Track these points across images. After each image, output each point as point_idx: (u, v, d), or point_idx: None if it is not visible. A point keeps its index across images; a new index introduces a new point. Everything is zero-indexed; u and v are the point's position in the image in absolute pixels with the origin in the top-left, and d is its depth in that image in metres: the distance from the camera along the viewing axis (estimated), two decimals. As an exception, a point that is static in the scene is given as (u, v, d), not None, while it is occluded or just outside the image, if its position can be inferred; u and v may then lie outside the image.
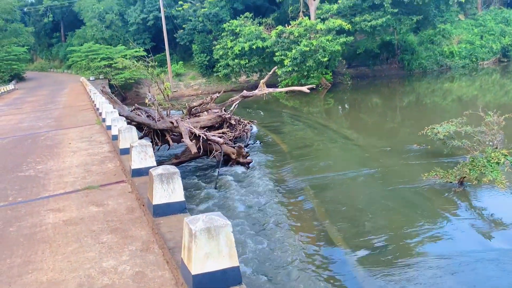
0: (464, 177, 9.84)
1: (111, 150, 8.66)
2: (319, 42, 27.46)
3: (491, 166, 8.85)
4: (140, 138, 13.89)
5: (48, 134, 11.69)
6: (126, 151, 7.10)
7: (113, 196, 5.94)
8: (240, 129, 17.03)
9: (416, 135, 16.83)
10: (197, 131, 12.68)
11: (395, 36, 36.13)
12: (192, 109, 16.20)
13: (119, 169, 7.22)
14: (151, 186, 4.34)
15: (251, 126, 18.15)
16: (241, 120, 17.60)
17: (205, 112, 17.02)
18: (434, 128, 12.29)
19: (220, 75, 35.27)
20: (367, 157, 13.40)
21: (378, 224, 8.94)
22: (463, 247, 7.80)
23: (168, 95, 14.96)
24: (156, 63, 18.72)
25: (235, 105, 16.53)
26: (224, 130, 16.11)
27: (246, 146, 16.62)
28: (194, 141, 12.08)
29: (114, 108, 11.11)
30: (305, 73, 28.21)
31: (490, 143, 11.02)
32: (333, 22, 28.00)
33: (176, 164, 14.18)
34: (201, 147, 12.74)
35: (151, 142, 13.57)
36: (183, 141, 12.12)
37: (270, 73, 15.24)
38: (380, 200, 10.12)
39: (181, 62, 42.11)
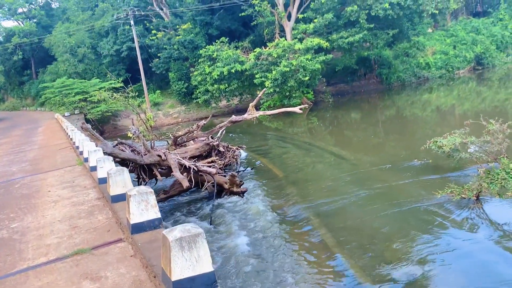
0: (480, 192, 9.23)
1: (99, 196, 7.47)
2: (299, 61, 27.11)
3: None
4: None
5: (24, 180, 10.47)
6: (118, 198, 6.09)
7: (111, 264, 4.65)
8: (229, 156, 16.22)
9: (412, 149, 16.39)
10: (187, 163, 11.81)
11: (372, 51, 36.24)
12: (178, 139, 15.34)
13: (113, 223, 6.05)
14: (167, 255, 3.26)
15: (239, 152, 17.36)
16: (230, 146, 16.82)
17: (191, 141, 16.20)
18: (436, 141, 11.73)
19: (199, 101, 34.57)
20: (368, 177, 12.72)
21: (398, 252, 8.16)
22: (500, 274, 7.07)
23: (151, 126, 14.07)
24: (136, 93, 17.92)
25: (223, 131, 15.76)
26: (213, 158, 15.29)
27: (237, 174, 15.80)
28: (185, 173, 11.20)
29: (96, 145, 10.15)
30: (287, 93, 27.76)
31: (500, 153, 10.49)
32: (311, 41, 27.78)
33: (165, 199, 13.24)
34: (192, 179, 11.87)
35: (138, 177, 12.63)
36: (172, 175, 11.23)
37: (260, 95, 14.57)
38: (393, 223, 9.38)
39: (158, 91, 41.27)
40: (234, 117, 13.67)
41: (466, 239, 8.34)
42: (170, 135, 16.42)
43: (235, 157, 16.61)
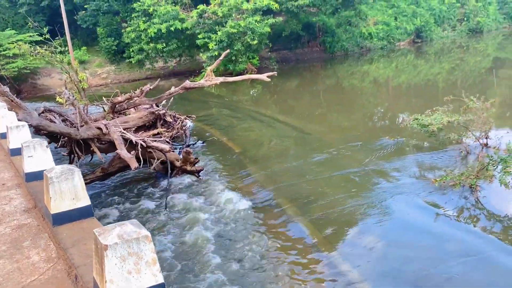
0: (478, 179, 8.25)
1: (28, 207, 4.63)
2: (247, 23, 24.99)
3: (522, 167, 7.25)
4: (53, 147, 10.50)
5: None
6: (64, 218, 3.83)
7: None
8: (177, 127, 14.18)
9: (378, 126, 15.43)
10: (133, 138, 9.70)
11: (318, 17, 34.89)
12: (117, 106, 12.96)
13: (61, 273, 3.29)
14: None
15: (187, 123, 15.34)
16: (177, 115, 14.74)
17: (132, 109, 13.89)
18: (417, 119, 10.63)
19: (133, 61, 31.31)
20: (341, 157, 11.41)
21: (400, 254, 6.92)
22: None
23: (83, 89, 11.59)
24: (65, 48, 14.89)
25: (171, 98, 13.62)
26: (160, 130, 13.20)
27: (187, 147, 13.88)
28: (133, 152, 9.11)
29: (17, 115, 7.69)
30: (233, 58, 25.67)
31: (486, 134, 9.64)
32: (261, 1, 25.68)
33: (102, 178, 11.08)
34: (139, 155, 9.82)
35: (70, 153, 10.31)
36: (117, 152, 9.08)
37: (221, 58, 12.52)
38: (386, 215, 8.13)
39: (84, 48, 36.96)
40: (188, 83, 11.57)
41: (469, 233, 7.33)
42: (105, 100, 13.93)
43: (184, 128, 14.61)
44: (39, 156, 4.98)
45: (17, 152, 6.10)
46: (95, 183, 10.91)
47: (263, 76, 11.50)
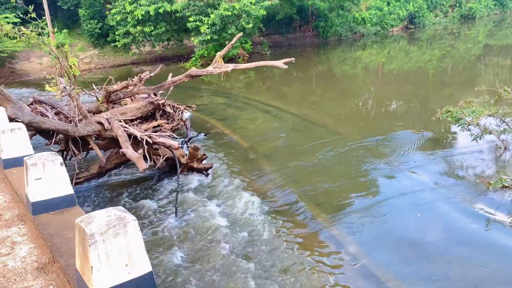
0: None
1: (42, 260, 2.93)
2: (242, 5, 23.62)
3: None
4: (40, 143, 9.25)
5: None
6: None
7: None
8: (178, 119, 12.97)
9: (392, 117, 14.41)
10: (138, 133, 8.50)
11: (311, 1, 33.61)
12: (112, 95, 11.65)
13: None
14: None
15: (186, 113, 14.10)
16: (176, 105, 13.50)
17: (128, 98, 12.60)
18: (450, 111, 9.69)
19: (118, 45, 29.65)
20: (363, 152, 10.39)
21: (465, 273, 5.97)
22: None
23: (74, 76, 10.25)
24: (55, 30, 13.42)
25: (170, 87, 12.37)
26: (160, 121, 11.96)
27: (188, 141, 12.74)
28: (140, 150, 7.91)
29: (6, 111, 6.39)
30: (226, 42, 24.30)
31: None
32: (256, -17, 24.34)
33: (98, 175, 9.89)
34: (146, 153, 8.64)
35: (63, 150, 9.05)
36: (122, 151, 7.86)
37: (232, 42, 11.28)
38: (435, 223, 7.18)
39: (65, 31, 34.90)
40: (194, 70, 10.35)
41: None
42: (95, 87, 12.47)
43: (184, 119, 13.39)
44: (51, 178, 3.59)
45: (11, 163, 4.77)
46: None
47: (279, 63, 10.35)
